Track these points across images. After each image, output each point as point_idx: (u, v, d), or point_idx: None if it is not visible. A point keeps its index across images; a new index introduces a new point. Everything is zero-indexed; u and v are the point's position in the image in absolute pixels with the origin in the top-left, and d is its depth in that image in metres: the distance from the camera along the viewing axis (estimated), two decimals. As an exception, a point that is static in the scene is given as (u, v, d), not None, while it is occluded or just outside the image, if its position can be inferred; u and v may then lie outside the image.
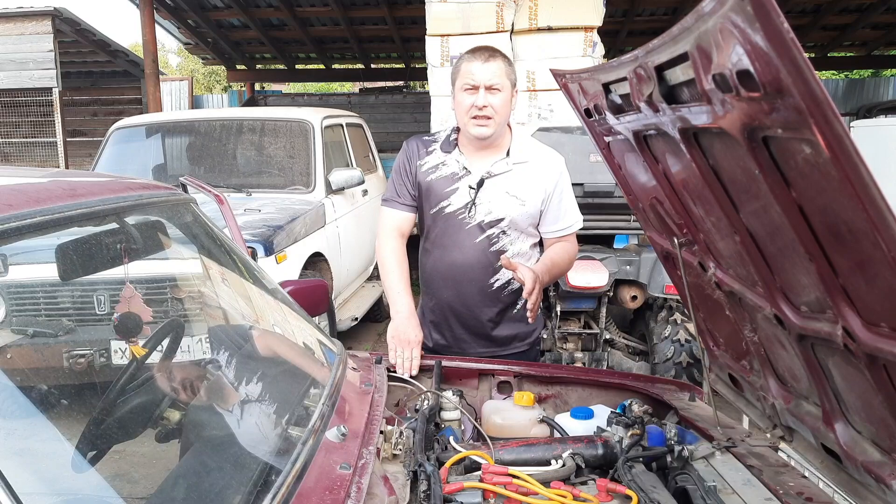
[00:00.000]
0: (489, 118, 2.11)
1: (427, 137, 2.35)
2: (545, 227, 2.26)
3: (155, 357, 1.81)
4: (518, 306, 2.29)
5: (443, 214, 2.21)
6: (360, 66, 12.89)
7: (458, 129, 2.27)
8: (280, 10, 10.15)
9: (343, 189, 5.13)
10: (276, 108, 7.55)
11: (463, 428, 1.80)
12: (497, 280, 2.22)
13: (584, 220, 2.33)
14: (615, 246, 4.17)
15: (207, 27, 10.94)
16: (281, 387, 1.69)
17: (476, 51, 2.15)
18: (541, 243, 2.30)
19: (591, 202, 3.82)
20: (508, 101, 2.15)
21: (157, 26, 8.83)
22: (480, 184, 2.17)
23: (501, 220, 2.17)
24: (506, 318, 2.28)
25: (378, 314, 6.13)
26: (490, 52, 2.14)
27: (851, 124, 6.56)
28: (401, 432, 1.50)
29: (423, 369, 2.00)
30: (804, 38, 10.92)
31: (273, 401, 1.60)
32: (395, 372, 1.96)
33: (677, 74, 1.00)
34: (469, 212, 2.18)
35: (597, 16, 4.89)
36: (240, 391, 1.68)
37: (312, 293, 2.33)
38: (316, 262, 4.59)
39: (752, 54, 0.76)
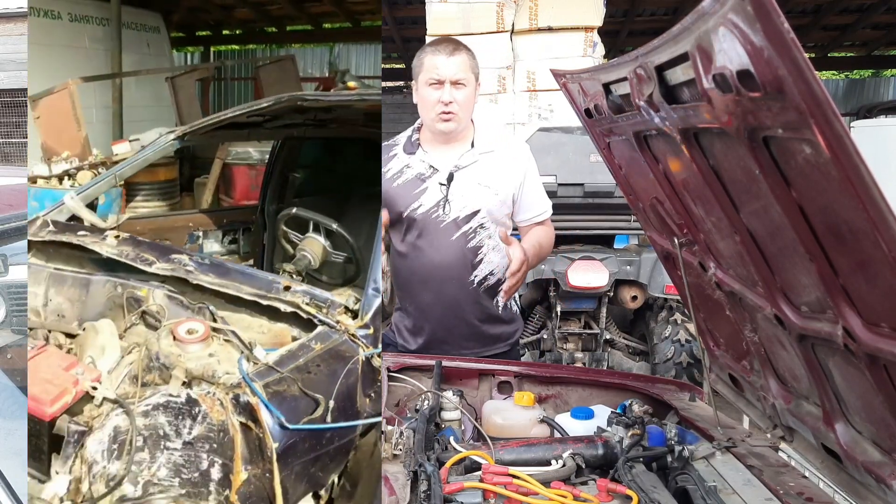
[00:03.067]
0: (454, 114, 2.09)
1: (387, 143, 2.30)
2: (522, 215, 2.25)
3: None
4: (500, 305, 2.27)
5: (415, 216, 2.17)
6: (360, 66, 12.89)
7: (418, 129, 2.24)
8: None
9: (343, 189, 5.13)
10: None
11: (463, 428, 1.79)
12: (476, 276, 2.20)
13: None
14: (615, 246, 4.16)
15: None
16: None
17: (439, 43, 2.11)
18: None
19: (591, 202, 3.81)
20: (473, 96, 2.13)
21: (157, 26, 8.82)
22: (450, 178, 2.14)
23: (477, 212, 2.15)
24: (489, 318, 2.26)
25: (378, 314, 6.11)
26: (454, 44, 2.10)
27: (852, 124, 6.56)
28: (401, 432, 1.50)
29: (423, 369, 2.00)
30: (804, 39, 10.92)
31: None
32: (395, 373, 1.96)
33: (677, 74, 1.00)
34: (443, 209, 2.15)
35: (597, 16, 4.88)
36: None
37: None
38: (316, 262, 4.58)
39: (752, 54, 0.76)
